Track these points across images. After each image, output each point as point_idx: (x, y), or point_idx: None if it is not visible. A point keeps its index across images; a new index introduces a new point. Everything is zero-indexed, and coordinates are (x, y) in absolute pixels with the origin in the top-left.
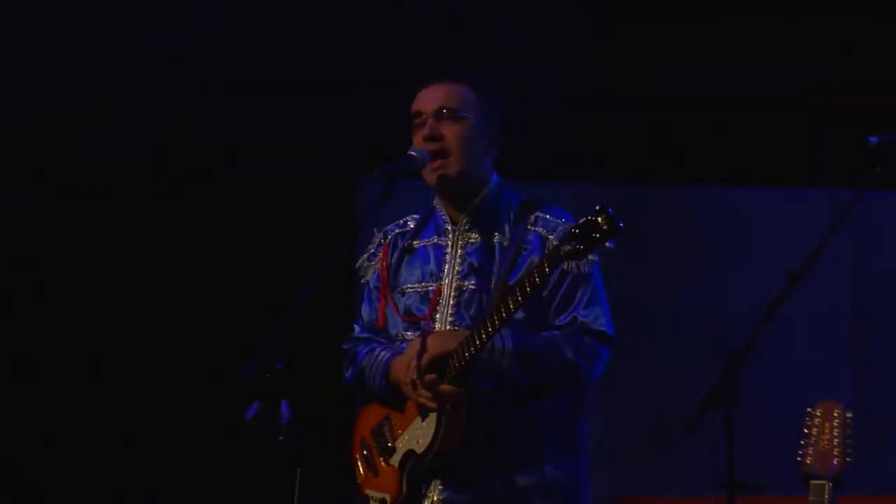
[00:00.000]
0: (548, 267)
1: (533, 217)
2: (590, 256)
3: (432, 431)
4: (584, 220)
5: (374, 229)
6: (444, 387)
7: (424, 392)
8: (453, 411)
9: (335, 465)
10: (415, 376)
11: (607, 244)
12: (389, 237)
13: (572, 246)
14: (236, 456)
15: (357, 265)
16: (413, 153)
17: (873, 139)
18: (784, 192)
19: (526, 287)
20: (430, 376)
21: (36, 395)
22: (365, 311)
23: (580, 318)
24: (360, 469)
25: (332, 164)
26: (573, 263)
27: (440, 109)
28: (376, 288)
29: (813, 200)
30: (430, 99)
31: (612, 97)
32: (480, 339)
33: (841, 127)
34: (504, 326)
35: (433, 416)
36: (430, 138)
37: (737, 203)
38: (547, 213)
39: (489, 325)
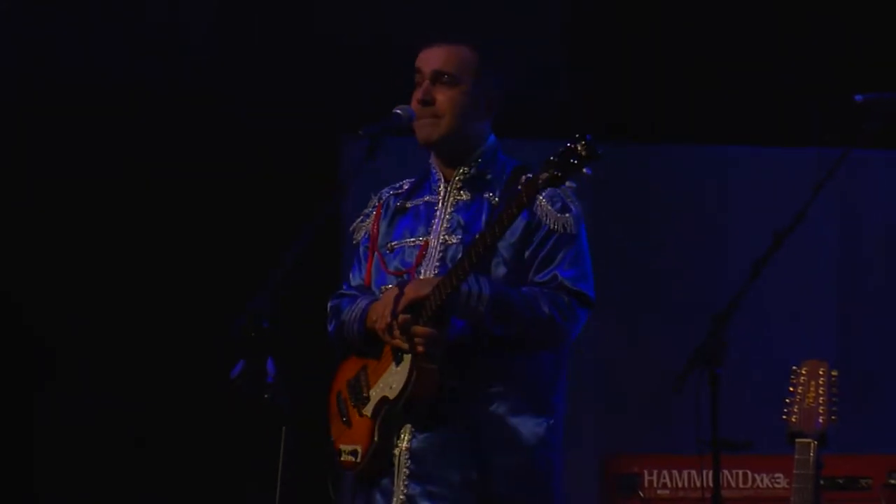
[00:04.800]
0: (525, 196)
1: (524, 178)
2: (568, 183)
3: (405, 376)
4: (563, 148)
5: (371, 193)
6: (418, 328)
7: (398, 333)
8: (427, 354)
9: (321, 423)
10: (390, 319)
11: (584, 170)
12: (384, 198)
13: (550, 173)
14: (222, 415)
15: (351, 228)
16: (399, 111)
17: (858, 97)
18: (772, 151)
19: (504, 220)
20: (403, 317)
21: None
22: (354, 272)
23: (560, 277)
24: (334, 424)
25: (317, 122)
26: (560, 224)
27: (437, 73)
28: (366, 247)
29: (801, 160)
30: (429, 59)
31: (602, 55)
32: (457, 276)
33: (829, 86)
34: (480, 261)
35: (407, 361)
36: (423, 102)
37: (724, 162)
38: None
39: (466, 262)
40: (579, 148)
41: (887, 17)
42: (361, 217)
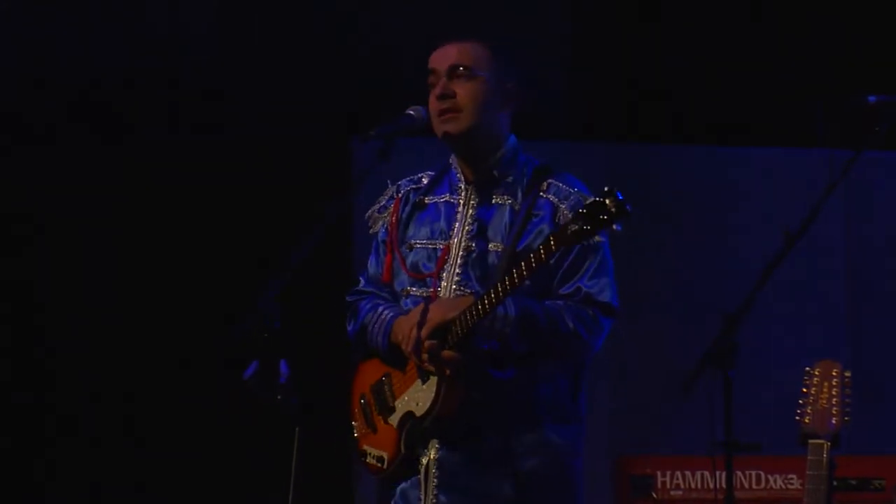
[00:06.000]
0: (554, 245)
1: (545, 184)
2: (596, 237)
3: (432, 395)
4: (591, 200)
5: (388, 181)
6: (446, 353)
7: (425, 357)
8: (453, 376)
9: (334, 424)
10: (416, 342)
11: (614, 227)
12: (402, 191)
13: (579, 226)
14: (234, 416)
15: (367, 215)
16: (412, 112)
17: (871, 98)
18: (773, 151)
19: (532, 262)
20: (430, 342)
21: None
22: (371, 264)
23: (584, 289)
24: (358, 424)
25: (328, 123)
26: None
27: (453, 67)
28: (384, 241)
29: (811, 161)
30: (443, 57)
31: (609, 55)
32: (484, 307)
33: (839, 87)
34: (508, 297)
35: (433, 380)
36: (442, 96)
37: (734, 163)
38: (560, 181)
39: (493, 294)
40: (608, 203)
41: (888, 17)
42: (379, 207)
